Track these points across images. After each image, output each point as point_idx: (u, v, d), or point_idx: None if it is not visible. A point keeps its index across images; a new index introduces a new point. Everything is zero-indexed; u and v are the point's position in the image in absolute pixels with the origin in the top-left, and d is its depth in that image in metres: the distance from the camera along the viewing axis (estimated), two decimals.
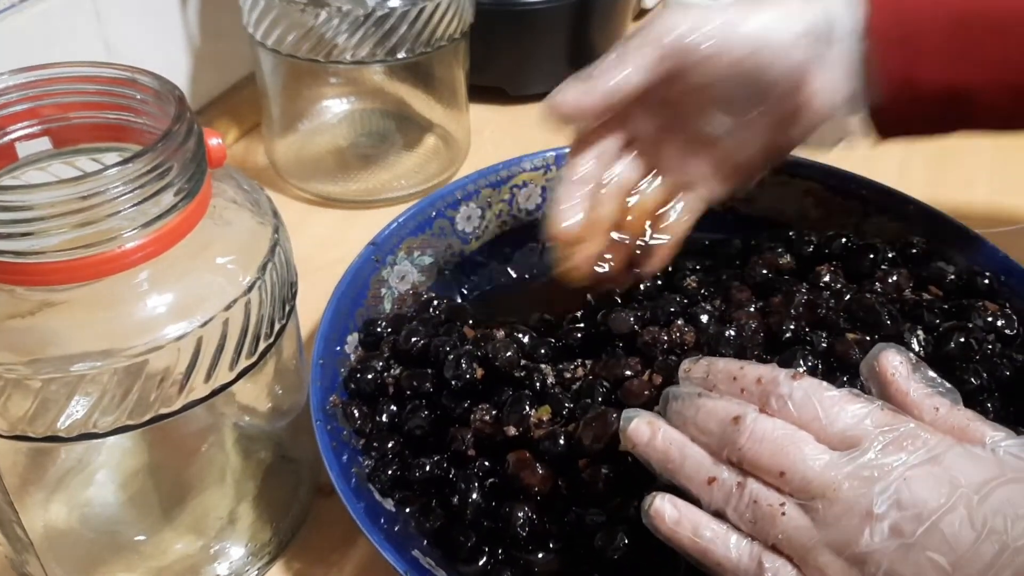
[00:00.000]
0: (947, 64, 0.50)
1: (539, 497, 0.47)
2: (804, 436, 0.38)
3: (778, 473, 0.38)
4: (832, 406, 0.39)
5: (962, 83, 0.50)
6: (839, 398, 0.39)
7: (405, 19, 0.69)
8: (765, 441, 0.38)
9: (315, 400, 0.51)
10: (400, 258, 0.62)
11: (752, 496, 0.38)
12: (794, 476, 0.38)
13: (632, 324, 0.52)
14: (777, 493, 0.38)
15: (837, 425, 0.38)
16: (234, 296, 0.42)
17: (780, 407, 0.39)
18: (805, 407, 0.39)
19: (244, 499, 0.51)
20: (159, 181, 0.38)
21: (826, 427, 0.38)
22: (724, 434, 0.40)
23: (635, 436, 0.42)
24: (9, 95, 0.41)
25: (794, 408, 0.39)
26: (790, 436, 0.38)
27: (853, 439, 0.38)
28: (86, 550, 0.49)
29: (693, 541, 0.39)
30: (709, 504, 0.40)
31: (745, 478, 0.39)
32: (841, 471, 0.37)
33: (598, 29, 0.91)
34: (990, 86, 0.50)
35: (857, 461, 0.37)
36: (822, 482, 0.37)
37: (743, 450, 0.39)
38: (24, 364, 0.38)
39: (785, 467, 0.38)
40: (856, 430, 0.38)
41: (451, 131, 0.84)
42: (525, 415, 0.49)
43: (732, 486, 0.39)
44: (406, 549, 0.46)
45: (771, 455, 0.38)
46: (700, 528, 0.39)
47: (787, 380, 0.40)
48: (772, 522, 0.38)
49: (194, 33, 0.82)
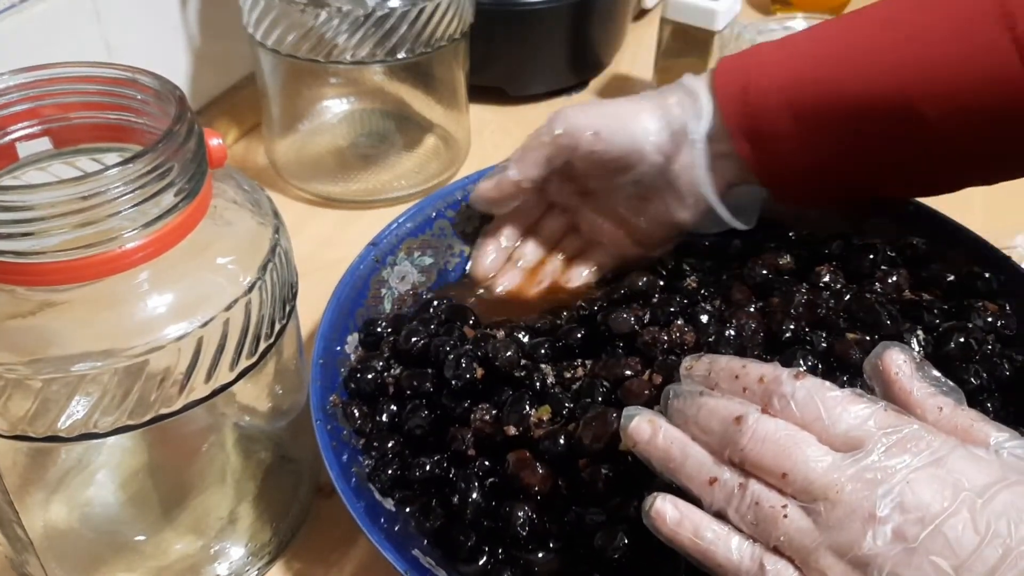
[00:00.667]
0: (800, 151, 0.56)
1: (539, 497, 0.47)
2: (807, 437, 0.38)
3: (780, 475, 0.38)
4: (835, 406, 0.39)
5: (818, 166, 0.57)
6: (842, 398, 0.39)
7: (405, 19, 0.69)
8: (767, 442, 0.38)
9: (315, 400, 0.51)
10: (400, 258, 0.62)
11: (754, 497, 0.38)
12: (796, 478, 0.37)
13: (632, 324, 0.52)
14: (779, 495, 0.38)
15: (840, 426, 0.38)
16: (234, 296, 0.42)
17: (783, 407, 0.39)
18: (808, 407, 0.39)
19: (244, 499, 0.51)
20: (160, 181, 0.38)
21: (829, 428, 0.38)
22: (726, 434, 0.39)
23: (636, 434, 0.42)
24: (10, 95, 0.41)
25: (796, 408, 0.39)
26: (792, 437, 0.38)
27: (856, 440, 0.38)
28: (86, 550, 0.49)
29: (694, 542, 0.39)
30: (710, 505, 0.39)
31: (747, 479, 0.39)
32: (844, 473, 0.37)
33: (598, 29, 0.91)
34: (846, 166, 0.56)
35: (860, 463, 0.37)
36: (824, 484, 0.37)
37: (745, 451, 0.39)
38: (25, 364, 0.38)
39: (787, 468, 0.38)
40: (859, 431, 0.38)
41: (451, 131, 0.84)
42: (525, 415, 0.49)
43: (734, 487, 0.39)
44: (406, 549, 0.46)
45: (773, 456, 0.38)
46: (701, 529, 0.39)
47: (790, 379, 0.40)
48: (774, 524, 0.37)
49: (194, 33, 0.82)
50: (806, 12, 1.04)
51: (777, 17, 1.04)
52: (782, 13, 1.07)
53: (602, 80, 0.96)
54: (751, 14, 1.09)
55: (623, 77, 0.97)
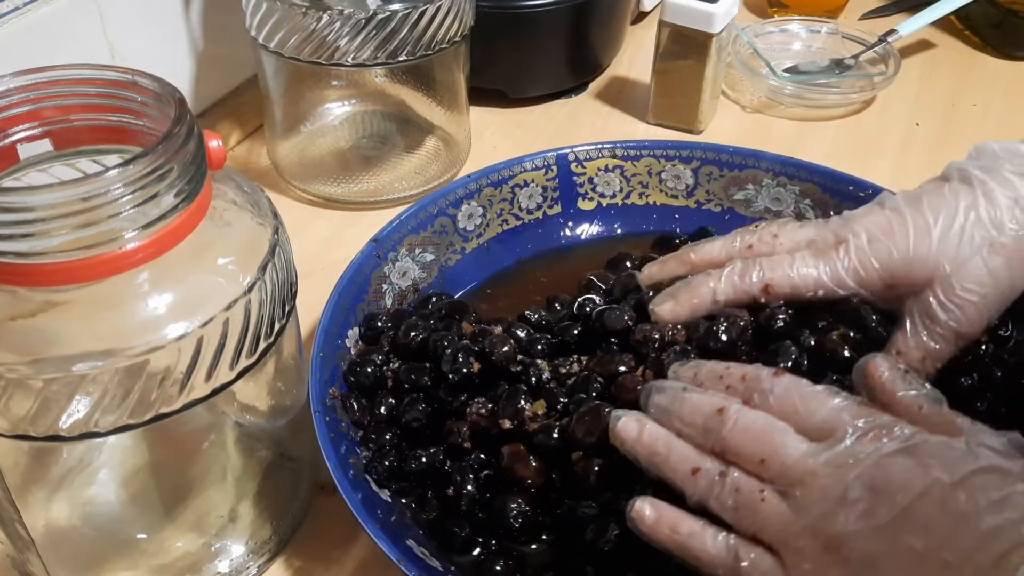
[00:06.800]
0: None
1: (532, 489, 0.48)
2: (784, 427, 0.40)
3: (759, 460, 0.40)
4: (811, 400, 0.41)
5: None
6: (817, 392, 0.41)
7: (406, 22, 0.69)
8: (747, 431, 0.40)
9: (315, 392, 0.52)
10: (402, 255, 0.63)
11: (734, 484, 0.40)
12: (773, 463, 0.39)
13: (626, 321, 0.53)
14: (758, 481, 0.40)
15: (815, 417, 0.40)
16: (234, 296, 0.42)
17: (762, 401, 0.42)
18: (785, 401, 0.41)
19: (245, 497, 0.51)
20: (159, 183, 0.38)
21: (805, 419, 0.40)
22: (708, 425, 0.41)
23: (624, 432, 0.43)
24: (10, 97, 0.41)
25: (775, 402, 0.41)
26: (771, 425, 0.40)
27: (830, 430, 0.39)
28: (88, 548, 0.50)
29: (672, 538, 0.41)
30: (693, 494, 0.41)
31: (728, 467, 0.40)
32: (818, 459, 0.38)
33: (597, 32, 0.92)
34: None
35: (833, 449, 0.38)
36: (800, 469, 0.38)
37: (726, 439, 0.40)
38: (26, 364, 0.38)
39: (765, 454, 0.39)
40: (833, 422, 0.40)
41: (452, 133, 0.84)
42: (520, 409, 0.50)
43: (715, 475, 0.40)
44: (401, 539, 0.47)
45: (752, 443, 0.40)
46: (678, 525, 0.41)
47: (769, 377, 0.42)
48: (753, 508, 0.39)
49: (197, 36, 0.82)
50: (803, 15, 1.04)
51: (774, 20, 1.04)
52: (779, 16, 1.07)
53: (601, 82, 0.96)
54: (748, 16, 1.09)
55: (622, 79, 0.97)
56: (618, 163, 0.71)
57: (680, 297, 0.52)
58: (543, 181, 0.70)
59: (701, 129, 0.89)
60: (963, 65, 1.02)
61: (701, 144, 0.72)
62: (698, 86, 0.86)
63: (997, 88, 0.98)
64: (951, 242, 0.49)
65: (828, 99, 0.92)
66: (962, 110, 0.94)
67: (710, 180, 0.71)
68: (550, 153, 0.70)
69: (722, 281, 0.52)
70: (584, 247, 0.71)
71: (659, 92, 0.88)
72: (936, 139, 0.89)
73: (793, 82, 0.92)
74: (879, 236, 0.50)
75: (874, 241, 0.50)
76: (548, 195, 0.70)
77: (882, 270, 0.50)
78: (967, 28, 1.06)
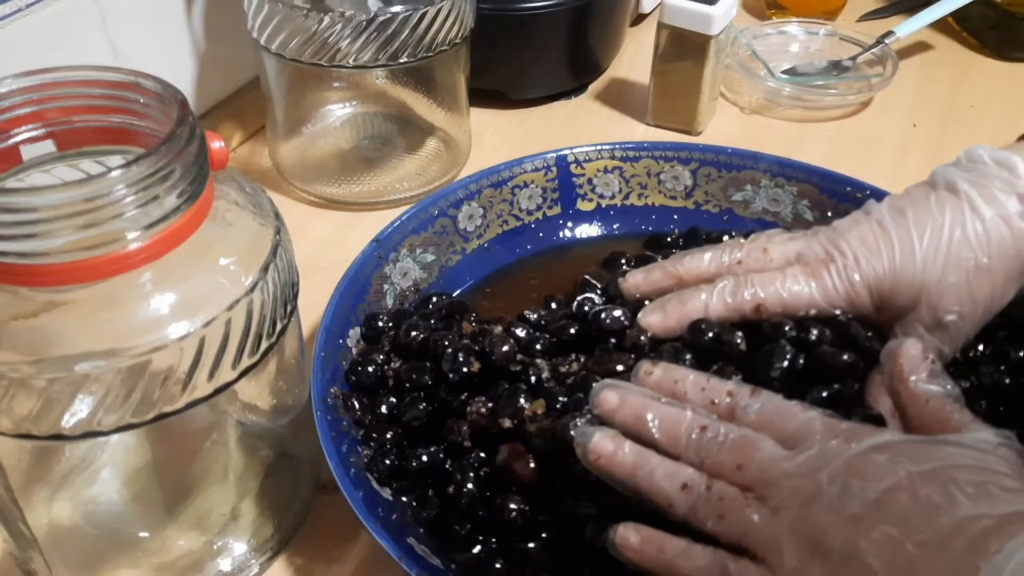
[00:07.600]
0: None
1: (532, 488, 0.48)
2: (761, 436, 0.42)
3: (735, 467, 0.41)
4: (785, 412, 0.43)
5: None
6: (792, 406, 0.43)
7: (407, 24, 0.69)
8: (727, 443, 0.42)
9: (316, 391, 0.52)
10: (403, 255, 0.63)
11: (719, 494, 0.41)
12: (750, 469, 0.41)
13: (623, 322, 0.53)
14: (739, 489, 0.41)
15: (789, 428, 0.42)
16: (236, 296, 0.42)
17: (740, 416, 0.43)
18: (762, 415, 0.43)
19: (246, 496, 0.52)
20: (162, 184, 0.38)
21: (780, 430, 0.42)
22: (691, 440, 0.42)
23: (599, 450, 0.43)
24: (13, 98, 0.42)
25: (753, 416, 0.43)
26: (747, 436, 0.42)
27: (803, 437, 0.41)
28: (90, 547, 0.50)
29: (658, 559, 0.41)
30: (680, 507, 0.41)
31: (712, 480, 0.41)
32: (792, 462, 0.40)
33: (596, 34, 0.92)
34: None
35: (806, 453, 0.40)
36: (774, 471, 0.40)
37: (709, 453, 0.42)
38: (28, 364, 0.38)
39: (743, 461, 0.41)
40: (806, 430, 0.41)
41: (452, 134, 0.84)
42: (519, 408, 0.50)
43: (702, 487, 0.41)
44: (402, 537, 0.47)
45: (731, 453, 0.41)
46: (664, 545, 0.41)
47: (746, 395, 0.44)
48: (740, 514, 0.40)
49: (199, 38, 0.82)
50: (801, 17, 1.04)
51: (772, 22, 1.05)
52: (777, 18, 1.07)
53: (600, 84, 0.97)
54: (747, 18, 1.10)
55: (621, 81, 0.98)
56: (617, 164, 0.71)
57: (669, 310, 0.53)
58: (543, 182, 0.70)
59: (700, 130, 0.89)
60: (960, 66, 1.02)
61: (699, 145, 0.72)
62: (697, 88, 0.86)
63: (994, 89, 0.98)
64: (937, 262, 0.50)
65: (826, 100, 0.93)
66: (959, 111, 0.94)
67: (708, 181, 0.71)
68: (550, 154, 0.70)
69: (713, 298, 0.52)
70: (584, 248, 0.71)
71: (658, 94, 0.89)
72: (933, 140, 0.90)
73: (791, 84, 0.92)
74: (866, 254, 0.51)
75: (861, 260, 0.51)
76: (548, 196, 0.70)
77: (871, 291, 0.51)
78: (964, 30, 1.06)
